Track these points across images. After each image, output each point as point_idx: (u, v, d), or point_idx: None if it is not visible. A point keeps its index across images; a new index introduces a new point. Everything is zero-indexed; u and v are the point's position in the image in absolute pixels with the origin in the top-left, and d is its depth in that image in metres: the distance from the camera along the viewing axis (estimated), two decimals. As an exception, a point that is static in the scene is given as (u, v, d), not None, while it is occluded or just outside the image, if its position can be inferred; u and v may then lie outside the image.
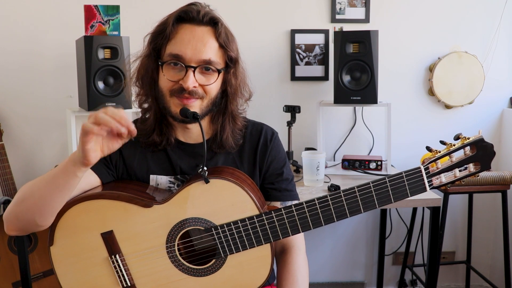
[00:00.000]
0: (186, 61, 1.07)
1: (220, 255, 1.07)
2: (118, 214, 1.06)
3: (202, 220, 1.06)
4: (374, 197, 1.01)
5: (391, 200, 1.01)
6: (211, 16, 1.10)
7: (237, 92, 1.17)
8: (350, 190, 1.01)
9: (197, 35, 1.08)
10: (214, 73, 1.10)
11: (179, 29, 1.09)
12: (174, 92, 1.09)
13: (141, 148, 1.18)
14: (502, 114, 2.55)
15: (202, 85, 1.09)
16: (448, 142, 1.02)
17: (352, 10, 2.42)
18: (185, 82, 1.06)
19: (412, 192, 1.01)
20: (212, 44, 1.09)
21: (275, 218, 1.04)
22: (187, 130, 1.18)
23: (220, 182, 1.05)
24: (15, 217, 1.04)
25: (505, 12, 2.44)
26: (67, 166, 0.97)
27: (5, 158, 2.18)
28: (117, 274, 1.08)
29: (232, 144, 1.18)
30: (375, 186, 1.01)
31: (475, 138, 0.99)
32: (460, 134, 1.01)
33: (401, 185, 1.00)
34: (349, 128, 2.53)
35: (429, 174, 1.00)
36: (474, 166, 1.00)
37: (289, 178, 1.25)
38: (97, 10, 2.20)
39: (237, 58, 1.15)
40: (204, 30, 1.09)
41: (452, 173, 1.00)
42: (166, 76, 1.09)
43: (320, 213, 1.03)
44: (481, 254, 2.65)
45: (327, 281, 2.66)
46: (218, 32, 1.09)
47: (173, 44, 1.08)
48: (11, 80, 2.33)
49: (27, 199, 1.02)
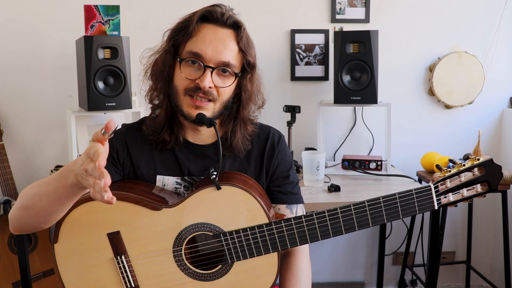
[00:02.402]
0: (205, 60, 1.06)
1: (227, 261, 1.07)
2: (126, 215, 1.06)
3: (211, 225, 1.06)
4: (383, 212, 1.02)
5: (400, 215, 1.02)
6: (235, 19, 1.11)
7: (251, 98, 1.17)
8: (360, 205, 1.02)
9: (219, 36, 1.08)
10: (231, 76, 1.10)
11: (202, 28, 1.09)
12: (188, 91, 1.08)
13: (149, 147, 1.17)
14: (502, 114, 2.55)
15: (217, 86, 1.09)
16: (458, 162, 1.03)
17: (352, 10, 2.42)
18: (202, 81, 1.06)
19: (420, 209, 1.01)
20: (233, 47, 1.09)
21: (284, 227, 1.04)
22: (197, 131, 1.17)
23: (231, 189, 1.05)
24: (19, 222, 1.05)
25: (505, 12, 2.44)
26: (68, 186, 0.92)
27: (5, 158, 2.18)
28: (121, 275, 1.08)
29: (241, 149, 1.18)
30: (385, 201, 1.01)
31: (484, 159, 1.01)
32: (470, 155, 1.04)
33: (411, 202, 1.01)
34: (349, 128, 2.53)
35: (438, 192, 1.01)
36: (481, 187, 1.02)
37: (294, 181, 1.25)
38: (97, 10, 2.20)
39: (254, 64, 1.15)
40: (227, 33, 1.09)
41: (460, 192, 1.02)
42: (183, 73, 1.08)
43: (329, 225, 1.03)
44: (481, 254, 2.65)
45: (327, 281, 2.66)
46: (240, 36, 1.10)
47: (194, 42, 1.08)
48: (11, 80, 2.33)
49: (29, 207, 1.01)
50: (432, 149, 2.39)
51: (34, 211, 1.00)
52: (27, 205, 1.01)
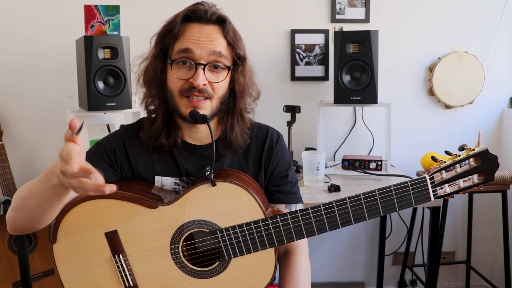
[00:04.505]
0: (195, 58, 1.07)
1: (224, 257, 1.07)
2: (122, 214, 1.06)
3: (207, 222, 1.06)
4: (379, 204, 1.01)
5: (396, 208, 1.01)
6: (218, 14, 1.10)
7: (245, 91, 1.17)
8: (356, 197, 1.01)
9: (206, 33, 1.08)
10: (223, 70, 1.10)
11: (187, 28, 1.09)
12: (183, 92, 1.08)
13: (147, 149, 1.18)
14: (502, 114, 2.55)
15: (211, 82, 1.09)
16: (453, 153, 1.03)
17: (352, 10, 2.42)
18: (195, 79, 1.06)
19: (416, 201, 1.01)
20: (221, 41, 1.09)
21: (280, 222, 1.04)
22: (194, 130, 1.17)
23: (227, 185, 1.05)
24: (13, 222, 1.05)
25: (505, 12, 2.44)
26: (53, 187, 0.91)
27: (5, 158, 2.18)
28: (119, 274, 1.08)
29: (240, 143, 1.18)
30: (381, 194, 1.01)
31: (480, 149, 1.01)
32: (465, 145, 1.03)
33: (406, 193, 1.01)
34: (349, 128, 2.53)
35: (434, 184, 1.01)
36: (478, 177, 1.01)
37: (293, 181, 1.25)
38: (97, 10, 2.20)
39: (244, 56, 1.15)
40: (212, 29, 1.09)
41: (456, 183, 1.01)
42: (175, 75, 1.08)
43: (325, 219, 1.03)
44: (481, 254, 2.65)
45: (327, 281, 2.66)
46: (226, 30, 1.09)
47: (181, 42, 1.08)
48: (11, 80, 2.33)
49: (21, 208, 1.01)
50: (432, 149, 2.39)
51: (25, 212, 1.01)
52: (18, 206, 1.02)
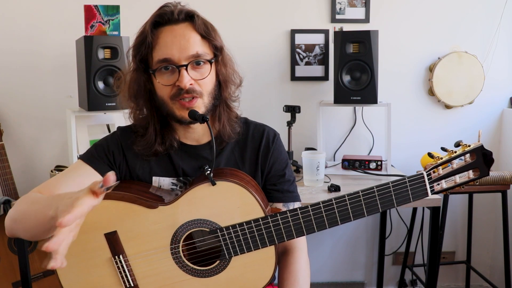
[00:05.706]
0: (175, 61, 1.07)
1: (224, 256, 1.07)
2: (122, 214, 1.06)
3: (207, 221, 1.06)
4: (377, 201, 1.02)
5: (394, 204, 1.03)
6: (185, 11, 1.10)
7: (228, 79, 1.17)
8: (355, 194, 1.02)
9: (178, 33, 1.08)
10: (206, 65, 1.10)
11: (159, 33, 1.09)
12: (174, 97, 1.08)
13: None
14: (502, 114, 2.55)
15: (196, 80, 1.09)
16: (450, 149, 1.06)
17: (352, 10, 2.42)
18: (181, 82, 1.06)
19: (414, 197, 1.03)
20: (195, 37, 1.09)
21: (280, 220, 1.04)
22: (190, 131, 1.17)
23: (226, 184, 1.06)
24: (11, 232, 1.05)
25: (505, 12, 2.44)
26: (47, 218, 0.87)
27: (5, 158, 2.18)
28: (120, 274, 1.08)
29: (230, 132, 1.18)
30: (379, 190, 1.02)
31: (475, 145, 1.03)
32: (461, 141, 1.06)
33: (404, 190, 1.02)
34: (349, 128, 2.53)
35: (431, 180, 1.03)
36: (473, 173, 1.04)
37: (291, 179, 1.25)
38: (97, 10, 2.19)
39: (222, 46, 1.15)
40: (183, 27, 1.09)
41: (453, 179, 1.03)
42: (161, 82, 1.09)
43: (325, 216, 1.03)
44: (481, 254, 2.65)
45: (327, 281, 2.66)
46: (197, 25, 1.09)
47: (158, 49, 1.08)
48: (11, 80, 2.33)
49: (18, 222, 1.01)
50: (432, 149, 2.37)
51: (22, 228, 1.01)
52: (16, 218, 1.02)
